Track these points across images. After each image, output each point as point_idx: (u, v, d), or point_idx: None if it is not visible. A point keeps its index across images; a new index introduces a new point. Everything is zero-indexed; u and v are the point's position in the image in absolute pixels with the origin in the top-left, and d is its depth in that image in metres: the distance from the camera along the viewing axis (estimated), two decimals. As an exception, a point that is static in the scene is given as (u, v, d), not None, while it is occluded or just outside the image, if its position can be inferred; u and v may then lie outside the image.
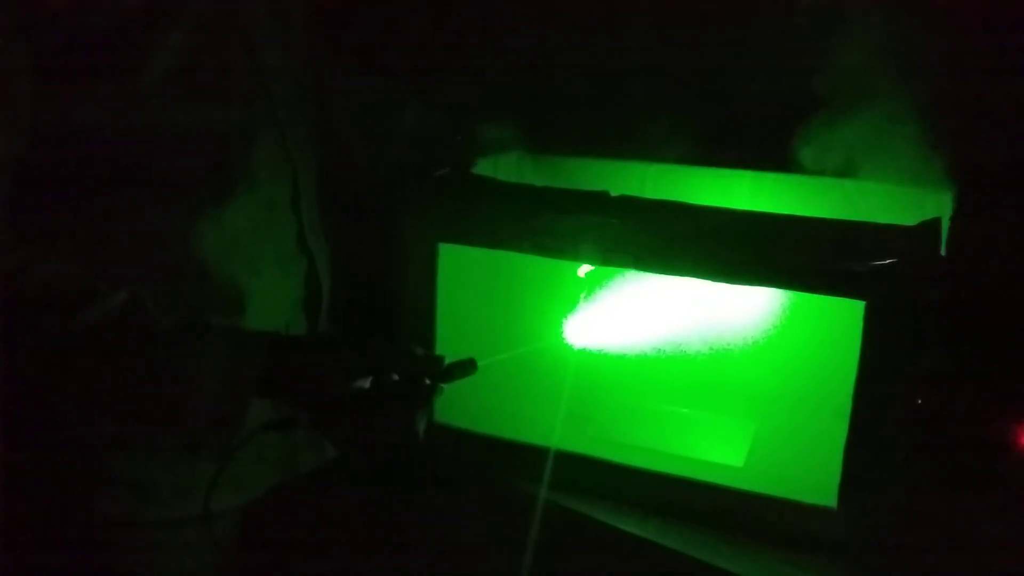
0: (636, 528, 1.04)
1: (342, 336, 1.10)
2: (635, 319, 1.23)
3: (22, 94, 0.84)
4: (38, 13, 0.83)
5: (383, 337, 1.16)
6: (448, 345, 1.16)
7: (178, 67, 0.89)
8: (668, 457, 1.12)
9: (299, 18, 1.07)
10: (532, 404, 1.24)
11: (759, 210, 1.00)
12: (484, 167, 1.21)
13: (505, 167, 1.27)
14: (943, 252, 0.94)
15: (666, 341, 1.31)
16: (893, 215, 1.01)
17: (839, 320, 1.03)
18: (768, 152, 1.17)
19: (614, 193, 1.06)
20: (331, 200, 1.12)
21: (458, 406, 1.01)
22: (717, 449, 1.16)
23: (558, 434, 1.16)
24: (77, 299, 0.86)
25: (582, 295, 1.23)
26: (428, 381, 0.93)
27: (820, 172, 1.14)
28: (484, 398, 1.06)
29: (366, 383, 0.89)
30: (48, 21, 0.84)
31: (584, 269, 1.22)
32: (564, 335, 1.19)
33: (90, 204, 0.90)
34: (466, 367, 0.96)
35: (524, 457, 1.15)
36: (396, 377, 0.91)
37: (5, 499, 0.93)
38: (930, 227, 0.93)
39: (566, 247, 1.06)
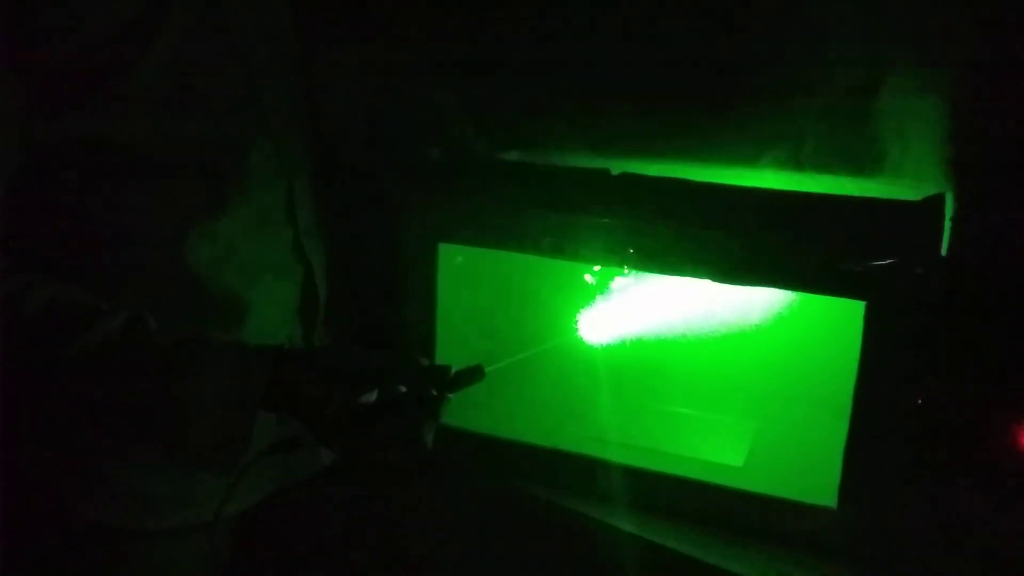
0: (636, 528, 1.04)
1: (346, 347, 1.09)
2: (635, 319, 1.23)
3: (9, 112, 0.84)
4: (27, 27, 0.83)
5: (387, 346, 1.15)
6: (448, 345, 1.16)
7: (168, 78, 0.89)
8: (668, 457, 1.12)
9: (289, 24, 1.07)
10: (532, 404, 1.25)
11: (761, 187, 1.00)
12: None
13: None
14: (944, 252, 0.94)
15: (666, 341, 1.31)
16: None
17: (839, 320, 1.03)
18: (768, 148, 1.17)
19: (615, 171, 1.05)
20: (327, 205, 1.12)
21: (458, 406, 1.01)
22: (717, 449, 1.16)
23: (558, 434, 1.17)
24: (78, 320, 0.85)
25: (583, 295, 1.23)
26: (435, 392, 0.92)
27: (821, 169, 1.14)
28: (484, 398, 1.06)
29: (372, 396, 0.88)
30: (37, 35, 0.83)
31: (590, 277, 1.22)
32: (565, 335, 1.19)
33: (83, 220, 0.90)
34: (473, 375, 0.94)
35: (524, 457, 1.15)
36: (403, 388, 0.90)
37: (5, 506, 0.93)
38: (933, 203, 0.92)
39: (567, 247, 1.06)
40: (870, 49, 1.11)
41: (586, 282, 1.24)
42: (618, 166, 1.06)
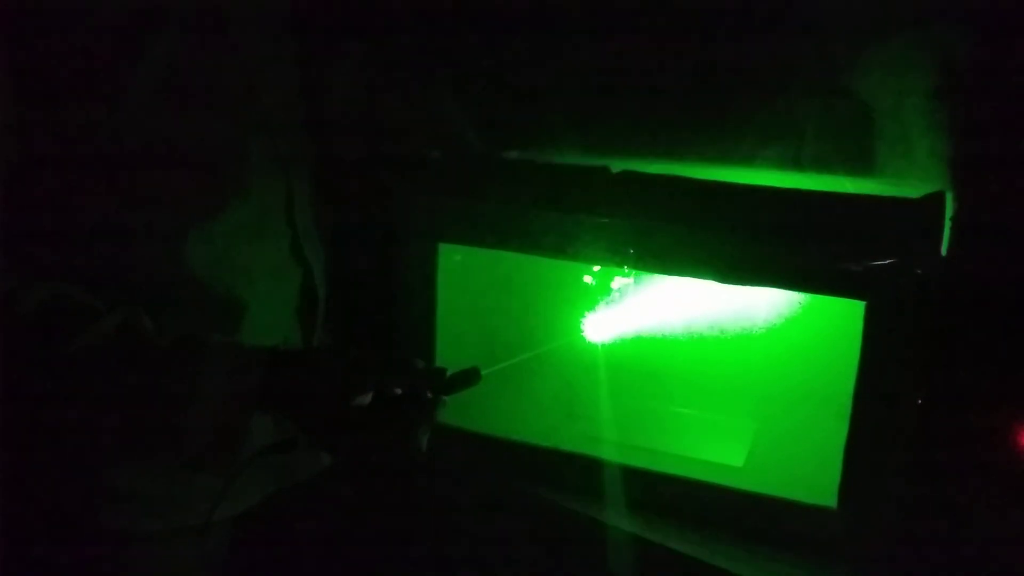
0: (636, 528, 1.04)
1: (342, 348, 1.09)
2: (636, 319, 1.23)
3: (9, 110, 0.84)
4: (22, 23, 0.83)
5: (383, 348, 1.15)
6: (447, 345, 1.16)
7: (166, 77, 0.89)
8: (668, 457, 1.12)
9: (288, 23, 1.07)
10: (532, 404, 1.24)
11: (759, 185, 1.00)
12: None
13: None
14: (944, 252, 0.94)
15: (667, 341, 1.31)
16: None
17: (839, 320, 1.03)
18: (768, 147, 1.17)
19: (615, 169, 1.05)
20: (326, 205, 1.11)
21: (457, 406, 1.01)
22: (717, 449, 1.16)
23: (558, 434, 1.17)
24: (74, 320, 0.85)
25: (583, 295, 1.23)
26: (430, 394, 0.91)
27: (822, 169, 1.13)
28: (484, 398, 1.06)
29: (367, 398, 0.88)
30: (33, 32, 0.83)
31: (590, 278, 1.22)
32: (565, 335, 1.19)
33: (80, 219, 0.89)
34: (469, 378, 0.94)
35: (524, 457, 1.15)
36: (398, 391, 0.90)
37: (4, 509, 0.93)
38: (933, 202, 0.92)
39: (566, 247, 1.06)
40: (870, 48, 1.11)
41: (586, 282, 1.24)
42: (618, 165, 1.06)
